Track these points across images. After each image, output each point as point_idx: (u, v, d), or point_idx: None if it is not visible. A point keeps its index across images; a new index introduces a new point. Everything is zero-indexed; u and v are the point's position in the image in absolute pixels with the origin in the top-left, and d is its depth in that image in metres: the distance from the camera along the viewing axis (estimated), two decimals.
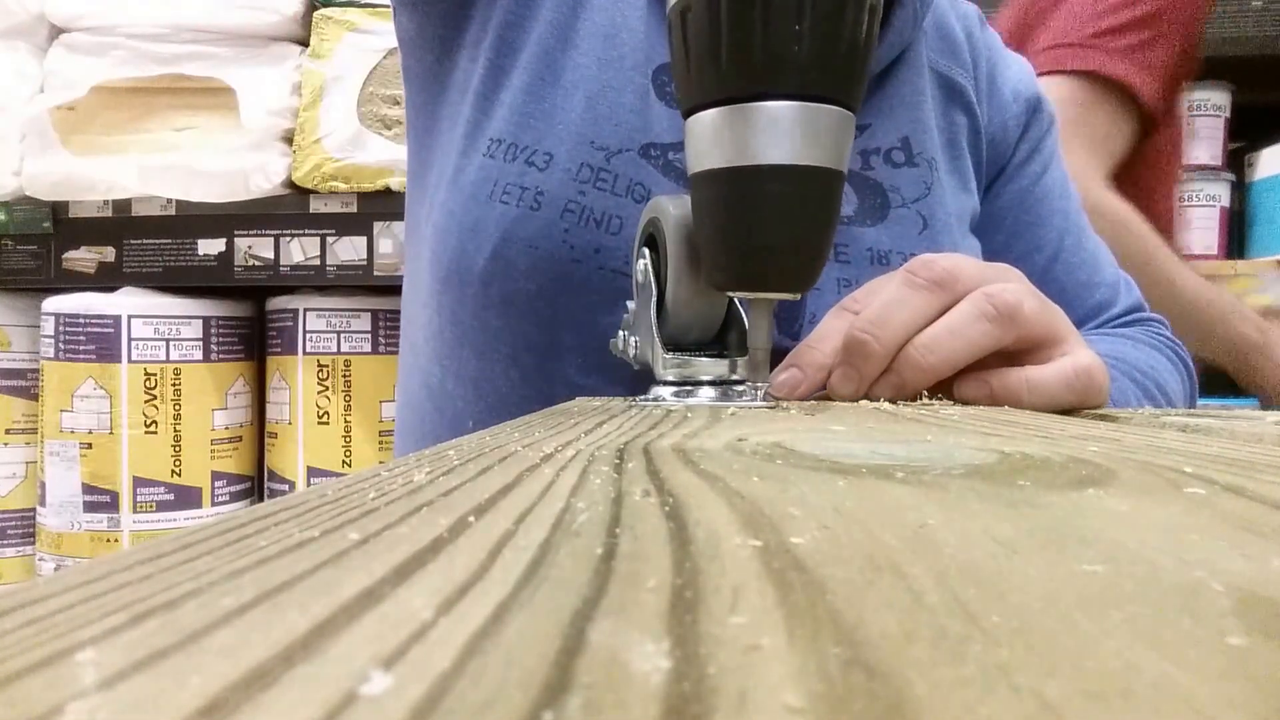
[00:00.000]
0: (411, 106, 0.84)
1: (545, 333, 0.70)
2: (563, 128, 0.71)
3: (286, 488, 1.73)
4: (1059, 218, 0.90)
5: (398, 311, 1.74)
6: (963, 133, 0.84)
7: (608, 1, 0.74)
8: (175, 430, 1.67)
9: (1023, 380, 0.53)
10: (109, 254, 1.72)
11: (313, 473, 1.72)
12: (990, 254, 0.84)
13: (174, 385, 1.66)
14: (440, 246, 0.73)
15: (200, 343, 1.69)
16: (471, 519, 0.18)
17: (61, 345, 1.64)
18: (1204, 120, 1.90)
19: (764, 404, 0.50)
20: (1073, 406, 0.53)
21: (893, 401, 0.52)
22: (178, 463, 1.67)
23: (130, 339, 1.64)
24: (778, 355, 0.55)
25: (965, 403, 0.53)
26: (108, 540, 1.64)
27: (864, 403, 0.52)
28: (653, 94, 0.72)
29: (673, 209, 0.54)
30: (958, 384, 0.54)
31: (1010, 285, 0.54)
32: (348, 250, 1.69)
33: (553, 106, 0.71)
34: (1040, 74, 1.15)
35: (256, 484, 1.83)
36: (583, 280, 0.68)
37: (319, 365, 1.71)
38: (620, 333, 0.61)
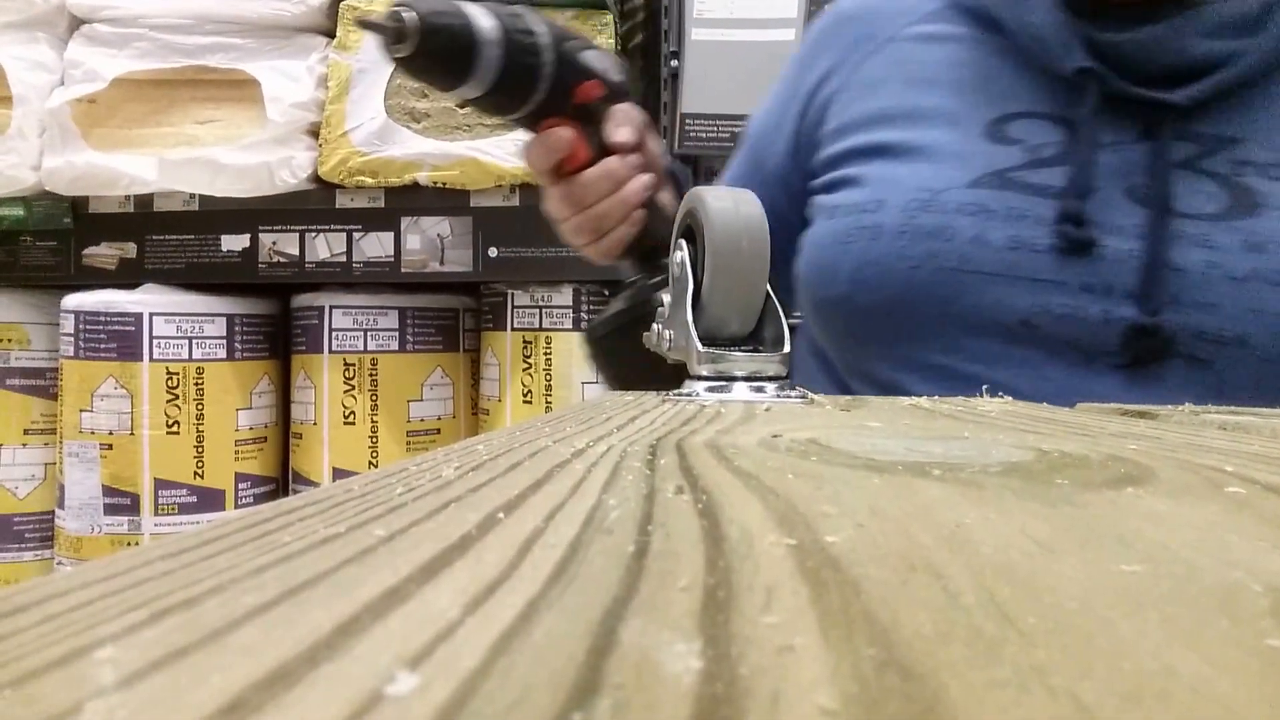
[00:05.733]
0: None
1: None
2: None
3: (312, 489, 1.73)
4: None
5: (425, 309, 1.75)
6: None
7: None
8: (198, 431, 1.68)
9: None
10: (130, 250, 1.74)
11: (338, 474, 1.72)
12: None
13: (196, 384, 1.67)
14: None
15: (224, 341, 1.70)
16: (500, 515, 0.18)
17: (81, 343, 1.65)
18: None
19: (799, 400, 0.50)
20: None
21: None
22: (200, 464, 1.68)
23: (152, 337, 1.65)
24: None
25: None
26: (128, 544, 1.65)
27: (900, 399, 0.52)
28: None
29: (712, 200, 0.54)
30: None
31: None
32: (374, 246, 1.70)
33: None
34: None
35: (281, 485, 1.83)
36: None
37: (345, 364, 1.71)
38: (654, 326, 0.61)
